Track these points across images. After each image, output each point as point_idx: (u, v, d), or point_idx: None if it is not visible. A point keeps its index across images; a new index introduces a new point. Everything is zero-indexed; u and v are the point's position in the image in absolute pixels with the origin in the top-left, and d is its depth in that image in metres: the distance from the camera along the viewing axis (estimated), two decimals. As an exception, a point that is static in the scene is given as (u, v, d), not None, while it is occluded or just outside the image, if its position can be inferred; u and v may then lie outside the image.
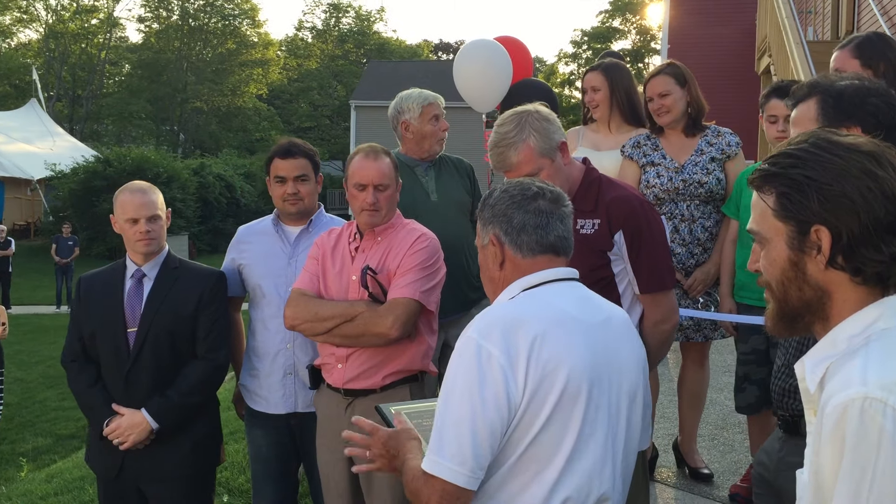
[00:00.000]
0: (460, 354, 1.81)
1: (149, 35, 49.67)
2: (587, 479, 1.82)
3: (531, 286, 1.94)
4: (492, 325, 1.81)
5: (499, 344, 1.77)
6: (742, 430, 4.63)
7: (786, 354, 2.23)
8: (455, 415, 1.76)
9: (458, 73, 6.34)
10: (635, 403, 1.95)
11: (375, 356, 2.95)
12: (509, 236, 1.97)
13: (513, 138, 2.56)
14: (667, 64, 4.02)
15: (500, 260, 1.98)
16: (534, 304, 1.88)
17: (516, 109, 2.65)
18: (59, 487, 5.19)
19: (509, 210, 1.97)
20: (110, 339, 3.16)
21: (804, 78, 9.42)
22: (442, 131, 3.93)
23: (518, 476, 1.79)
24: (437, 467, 1.75)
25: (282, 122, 50.26)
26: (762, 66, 15.18)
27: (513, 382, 1.75)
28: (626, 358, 1.95)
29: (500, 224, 1.98)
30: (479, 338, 1.79)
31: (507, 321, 1.81)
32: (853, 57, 3.03)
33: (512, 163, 2.57)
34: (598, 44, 51.52)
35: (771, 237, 1.44)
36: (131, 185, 3.24)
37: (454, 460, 1.73)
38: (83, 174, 26.79)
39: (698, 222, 3.86)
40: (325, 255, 3.09)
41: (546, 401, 1.77)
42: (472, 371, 1.76)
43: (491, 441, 1.76)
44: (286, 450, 3.39)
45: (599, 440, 1.83)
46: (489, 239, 2.00)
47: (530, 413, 1.76)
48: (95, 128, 47.44)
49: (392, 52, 57.23)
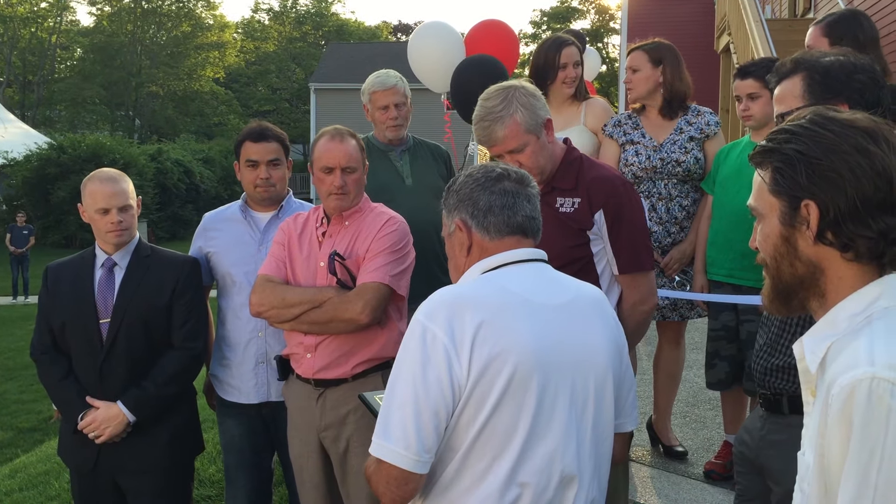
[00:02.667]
0: (407, 336, 1.79)
1: (101, 18, 48.42)
2: (547, 462, 1.79)
3: (490, 268, 1.90)
4: (438, 307, 1.77)
5: (443, 326, 1.74)
6: (713, 407, 4.66)
7: (767, 333, 2.22)
8: (400, 397, 1.73)
9: (412, 54, 6.33)
10: (607, 383, 1.90)
11: (345, 344, 2.90)
12: (476, 219, 1.93)
13: (499, 113, 2.52)
14: (650, 41, 3.94)
15: (467, 245, 1.94)
16: (485, 287, 1.84)
17: (502, 84, 2.60)
18: (24, 482, 5.06)
19: (474, 193, 1.93)
20: (81, 330, 3.06)
21: (763, 55, 9.48)
22: (391, 119, 3.83)
23: (473, 465, 1.77)
24: (383, 451, 1.72)
25: (240, 106, 49.61)
26: (721, 44, 15.28)
27: (457, 364, 1.72)
28: (596, 338, 1.90)
29: (465, 208, 1.94)
30: (424, 319, 1.77)
31: (454, 303, 1.78)
32: (823, 35, 3.04)
33: (498, 137, 2.54)
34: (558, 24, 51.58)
35: (766, 213, 1.44)
36: (100, 174, 3.13)
37: (399, 444, 1.71)
38: (36, 161, 26.28)
39: (675, 201, 3.84)
40: (291, 241, 3.02)
41: (493, 385, 1.73)
42: (416, 353, 1.74)
43: (435, 423, 1.73)
44: (259, 439, 3.34)
45: (560, 424, 1.79)
46: (455, 225, 1.96)
47: (477, 397, 1.73)
48: (48, 114, 46.24)
49: (351, 33, 56.72)
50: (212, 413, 3.75)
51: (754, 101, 3.60)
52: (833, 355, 1.33)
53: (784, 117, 2.19)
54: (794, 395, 2.11)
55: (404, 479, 1.72)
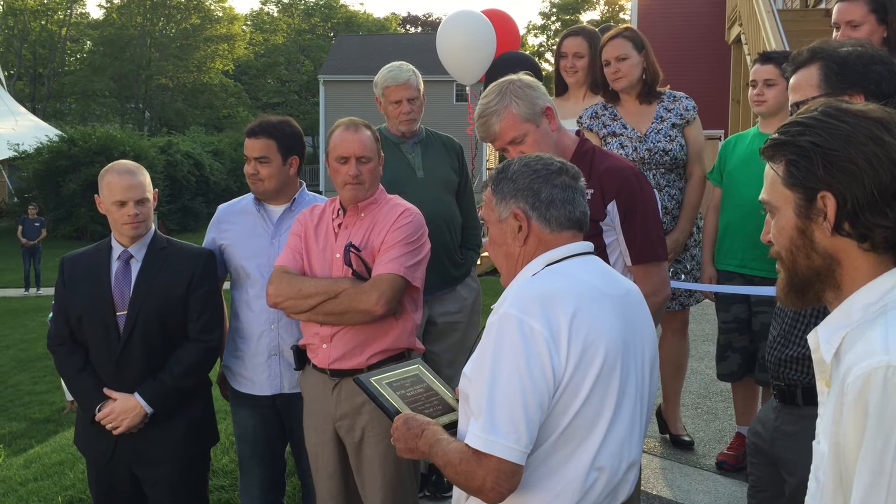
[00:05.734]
0: (500, 331, 1.79)
1: (110, 11, 48.53)
2: (619, 447, 1.86)
3: (554, 261, 1.93)
4: (530, 301, 1.80)
5: (540, 319, 1.77)
6: (724, 399, 4.67)
7: (781, 324, 2.22)
8: (505, 391, 1.74)
9: (441, 45, 6.25)
10: (654, 371, 2.00)
11: (360, 335, 2.91)
12: (537, 210, 1.94)
13: (495, 107, 2.57)
14: (624, 28, 3.94)
15: (525, 234, 1.95)
16: (565, 279, 1.88)
17: (498, 80, 2.64)
18: (39, 473, 5.10)
19: (535, 184, 1.95)
20: (99, 322, 3.08)
21: (776, 46, 9.44)
22: (404, 114, 3.81)
23: (561, 449, 1.82)
24: (494, 446, 1.72)
25: (249, 99, 49.64)
26: (732, 35, 15.20)
27: (556, 356, 1.76)
28: (647, 329, 1.99)
29: (525, 198, 1.95)
30: (519, 314, 1.78)
31: (545, 296, 1.81)
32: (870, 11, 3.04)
33: (495, 131, 2.58)
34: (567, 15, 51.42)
35: (780, 206, 1.44)
36: (118, 166, 3.14)
37: (509, 437, 1.72)
38: (47, 154, 26.37)
39: (664, 191, 3.84)
40: (307, 232, 3.04)
41: (587, 374, 1.79)
42: (517, 346, 1.75)
43: (540, 415, 1.77)
44: (273, 430, 3.36)
45: (629, 409, 1.87)
46: (511, 213, 1.96)
47: (573, 386, 1.78)
48: (58, 107, 46.42)
49: (360, 25, 56.67)
50: (225, 404, 3.78)
51: (770, 88, 3.59)
52: (848, 345, 1.34)
53: (799, 106, 2.19)
54: (808, 386, 2.12)
55: (513, 471, 1.73)
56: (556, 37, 50.97)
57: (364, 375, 2.26)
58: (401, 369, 2.33)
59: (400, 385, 2.24)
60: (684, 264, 3.93)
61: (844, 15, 3.15)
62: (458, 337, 3.96)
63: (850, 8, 3.11)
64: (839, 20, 3.20)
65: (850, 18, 3.14)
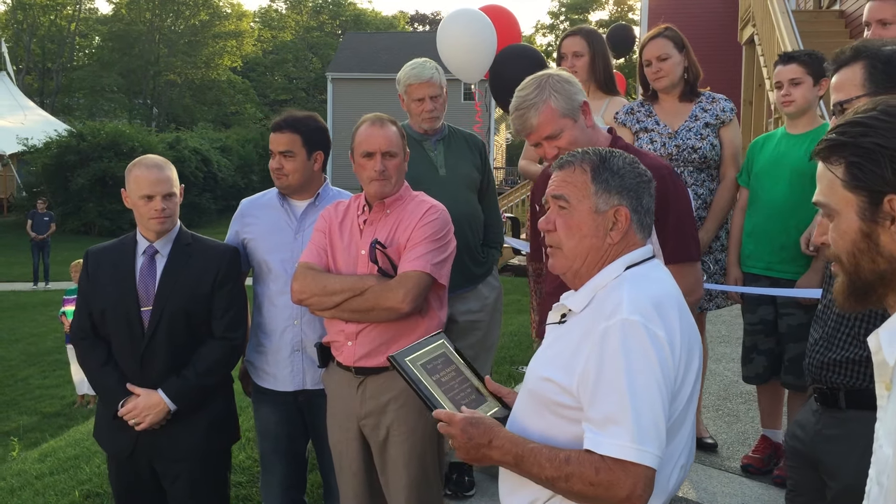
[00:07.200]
0: (626, 338, 1.75)
1: (119, 6, 48.60)
2: (691, 444, 1.90)
3: (633, 263, 1.91)
4: (648, 307, 1.78)
5: (660, 325, 1.76)
6: (745, 401, 4.63)
7: (823, 328, 2.18)
8: (646, 400, 1.71)
9: (442, 44, 6.21)
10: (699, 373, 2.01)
11: (386, 333, 2.88)
12: (637, 214, 1.93)
13: (533, 100, 2.52)
14: (664, 27, 3.93)
15: (620, 234, 1.91)
16: (659, 283, 1.88)
17: (536, 74, 2.61)
18: (54, 467, 5.08)
19: (639, 188, 1.94)
20: (123, 317, 3.05)
21: (790, 47, 9.39)
22: (427, 111, 3.78)
23: None
24: (644, 455, 1.70)
25: (257, 95, 49.68)
26: (745, 35, 15.15)
27: (674, 362, 1.77)
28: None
29: (629, 199, 1.92)
30: (643, 320, 1.75)
31: (657, 302, 1.80)
32: None
33: (533, 125, 2.54)
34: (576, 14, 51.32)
35: (840, 209, 1.39)
36: (146, 160, 3.11)
37: (655, 445, 1.71)
38: (56, 149, 26.44)
39: (691, 188, 3.80)
40: (332, 229, 3.01)
41: (688, 377, 1.82)
42: (649, 354, 1.73)
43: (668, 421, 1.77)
44: (295, 427, 3.33)
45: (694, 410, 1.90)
46: (613, 209, 1.91)
47: (679, 390, 1.80)
48: (67, 101, 46.51)
49: (368, 23, 56.70)
50: (244, 400, 3.75)
51: (796, 87, 3.56)
52: None
53: (842, 105, 2.15)
54: (852, 390, 2.08)
55: (654, 478, 1.72)
56: (564, 36, 50.79)
57: (398, 354, 2.21)
58: (428, 346, 2.30)
59: (433, 367, 2.21)
60: (707, 265, 3.88)
61: (877, 13, 3.12)
62: (480, 336, 3.93)
63: (884, 7, 3.08)
64: (871, 18, 3.17)
65: (882, 17, 3.11)
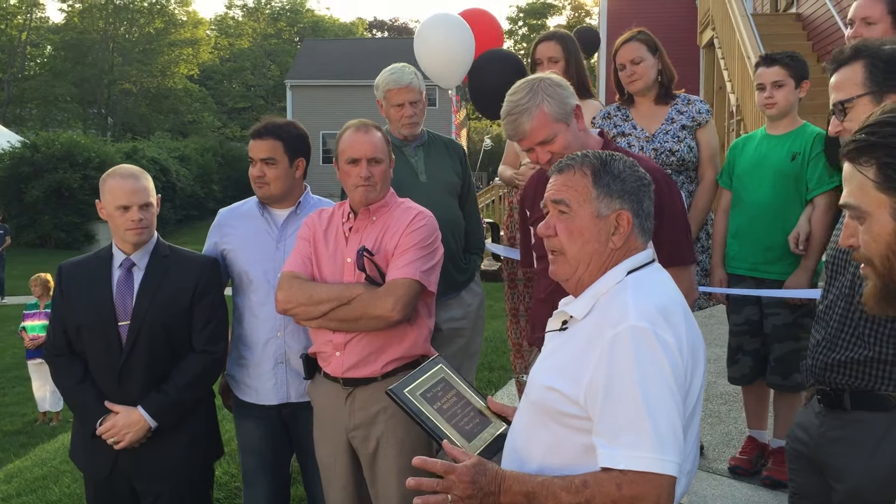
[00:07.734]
0: (637, 345, 1.71)
1: (71, 15, 47.66)
2: (696, 452, 1.88)
3: (634, 268, 1.89)
4: (655, 313, 1.75)
5: (668, 331, 1.75)
6: (726, 402, 4.64)
7: (826, 329, 2.16)
8: (662, 408, 1.68)
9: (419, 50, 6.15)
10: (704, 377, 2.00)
11: (375, 342, 2.82)
12: (638, 218, 1.92)
13: (526, 105, 2.49)
14: (637, 31, 3.94)
15: (622, 238, 1.89)
16: (662, 288, 1.87)
17: (528, 77, 2.59)
18: (21, 487, 4.91)
19: (640, 192, 1.92)
20: (100, 333, 2.94)
21: (751, 50, 9.50)
22: (406, 117, 3.73)
23: None
24: (667, 465, 1.66)
25: (215, 104, 49.13)
26: (705, 39, 15.33)
27: (682, 367, 1.75)
28: None
29: (630, 203, 1.90)
30: (652, 327, 1.73)
31: (662, 307, 1.78)
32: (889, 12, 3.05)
33: (526, 130, 2.51)
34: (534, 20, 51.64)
35: (872, 210, 1.37)
36: (121, 170, 3.01)
37: (676, 453, 1.67)
38: (9, 160, 25.87)
39: None
40: (316, 237, 2.94)
41: (694, 383, 1.79)
42: (661, 361, 1.71)
43: None
44: (280, 441, 3.25)
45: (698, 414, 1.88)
46: (615, 213, 1.89)
47: (688, 394, 1.78)
48: (19, 112, 45.49)
49: (326, 30, 56.46)
50: (222, 414, 3.65)
51: (779, 90, 3.58)
52: None
53: (843, 105, 2.14)
54: (857, 390, 2.06)
55: (674, 486, 1.68)
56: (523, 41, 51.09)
57: (396, 387, 2.16)
58: (426, 374, 2.26)
59: (433, 396, 2.16)
60: None
61: (861, 11, 3.14)
62: (463, 343, 3.88)
63: (869, 5, 3.10)
64: (855, 16, 3.19)
65: (866, 15, 3.13)
